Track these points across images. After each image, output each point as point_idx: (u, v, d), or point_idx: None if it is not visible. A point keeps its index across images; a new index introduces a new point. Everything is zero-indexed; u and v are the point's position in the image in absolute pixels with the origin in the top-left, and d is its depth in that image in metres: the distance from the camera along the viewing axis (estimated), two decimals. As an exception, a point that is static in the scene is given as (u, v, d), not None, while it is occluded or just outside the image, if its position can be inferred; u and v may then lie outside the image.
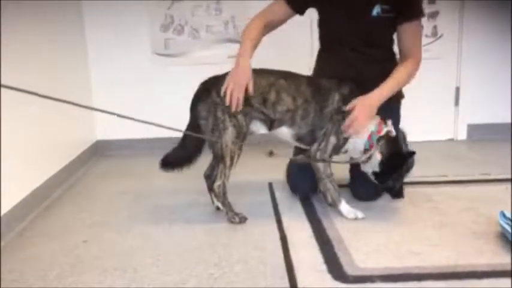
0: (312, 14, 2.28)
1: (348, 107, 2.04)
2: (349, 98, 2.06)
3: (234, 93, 1.96)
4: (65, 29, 3.05)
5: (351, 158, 2.14)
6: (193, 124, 2.12)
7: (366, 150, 2.07)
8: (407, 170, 2.08)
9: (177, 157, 2.19)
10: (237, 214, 2.11)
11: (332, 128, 2.07)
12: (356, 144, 2.09)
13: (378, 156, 2.05)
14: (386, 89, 2.06)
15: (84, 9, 3.36)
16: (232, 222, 2.09)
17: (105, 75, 3.44)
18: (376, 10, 2.10)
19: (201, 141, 2.14)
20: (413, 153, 2.06)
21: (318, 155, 2.10)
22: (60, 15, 2.96)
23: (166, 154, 2.20)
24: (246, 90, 1.99)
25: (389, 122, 2.08)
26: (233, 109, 1.98)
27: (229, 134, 2.03)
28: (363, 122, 2.01)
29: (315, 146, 2.12)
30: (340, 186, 2.20)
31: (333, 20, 2.20)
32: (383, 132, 2.05)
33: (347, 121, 2.02)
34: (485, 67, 3.55)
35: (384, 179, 2.09)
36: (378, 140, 2.04)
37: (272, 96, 2.06)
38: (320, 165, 2.12)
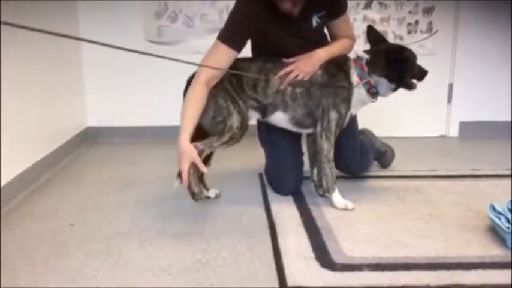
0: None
1: (288, 60, 2.07)
2: (330, 69, 2.08)
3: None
4: (58, 14, 3.00)
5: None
6: None
7: (369, 91, 2.08)
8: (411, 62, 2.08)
9: None
10: (201, 190, 1.96)
11: (328, 102, 2.06)
12: (358, 99, 2.10)
13: (381, 80, 2.06)
14: (331, 49, 2.12)
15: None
16: (191, 195, 1.90)
17: (97, 61, 3.40)
18: (314, 20, 2.11)
19: None
20: (401, 47, 2.07)
21: (324, 135, 2.08)
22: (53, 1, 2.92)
23: None
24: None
25: (359, 52, 2.10)
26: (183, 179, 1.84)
27: (235, 119, 1.99)
28: (303, 69, 2.03)
29: (318, 128, 2.09)
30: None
31: (277, 42, 2.13)
32: (365, 66, 2.05)
33: (282, 71, 2.04)
34: (479, 65, 3.55)
35: (403, 81, 2.07)
36: (369, 73, 2.05)
37: (262, 81, 2.05)
38: (325, 146, 2.09)
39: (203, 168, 1.86)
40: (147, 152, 3.23)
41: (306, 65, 2.05)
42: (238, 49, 2.00)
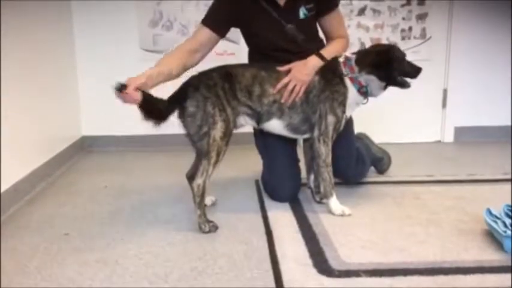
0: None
1: (282, 68, 2.07)
2: (326, 74, 2.07)
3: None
4: (53, 24, 3.00)
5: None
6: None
7: (360, 90, 2.08)
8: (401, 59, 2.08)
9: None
10: (208, 222, 1.94)
11: (325, 107, 2.05)
12: (352, 100, 2.10)
13: (371, 78, 2.05)
14: (324, 54, 2.10)
15: (73, 3, 3.32)
16: (201, 229, 1.92)
17: (92, 70, 3.40)
18: (302, 12, 2.14)
19: None
20: (391, 46, 2.09)
21: (321, 140, 2.08)
22: (49, 9, 2.92)
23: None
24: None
25: (347, 53, 2.12)
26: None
27: (218, 129, 1.95)
28: (300, 77, 2.03)
29: (316, 132, 2.08)
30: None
31: (263, 32, 2.17)
32: (355, 68, 2.05)
33: (279, 84, 2.03)
34: (474, 70, 3.57)
35: (393, 79, 2.07)
36: (358, 72, 2.05)
37: (256, 89, 2.04)
38: (323, 151, 2.08)
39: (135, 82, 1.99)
40: (142, 161, 3.21)
41: (301, 73, 2.04)
42: (218, 31, 2.12)
